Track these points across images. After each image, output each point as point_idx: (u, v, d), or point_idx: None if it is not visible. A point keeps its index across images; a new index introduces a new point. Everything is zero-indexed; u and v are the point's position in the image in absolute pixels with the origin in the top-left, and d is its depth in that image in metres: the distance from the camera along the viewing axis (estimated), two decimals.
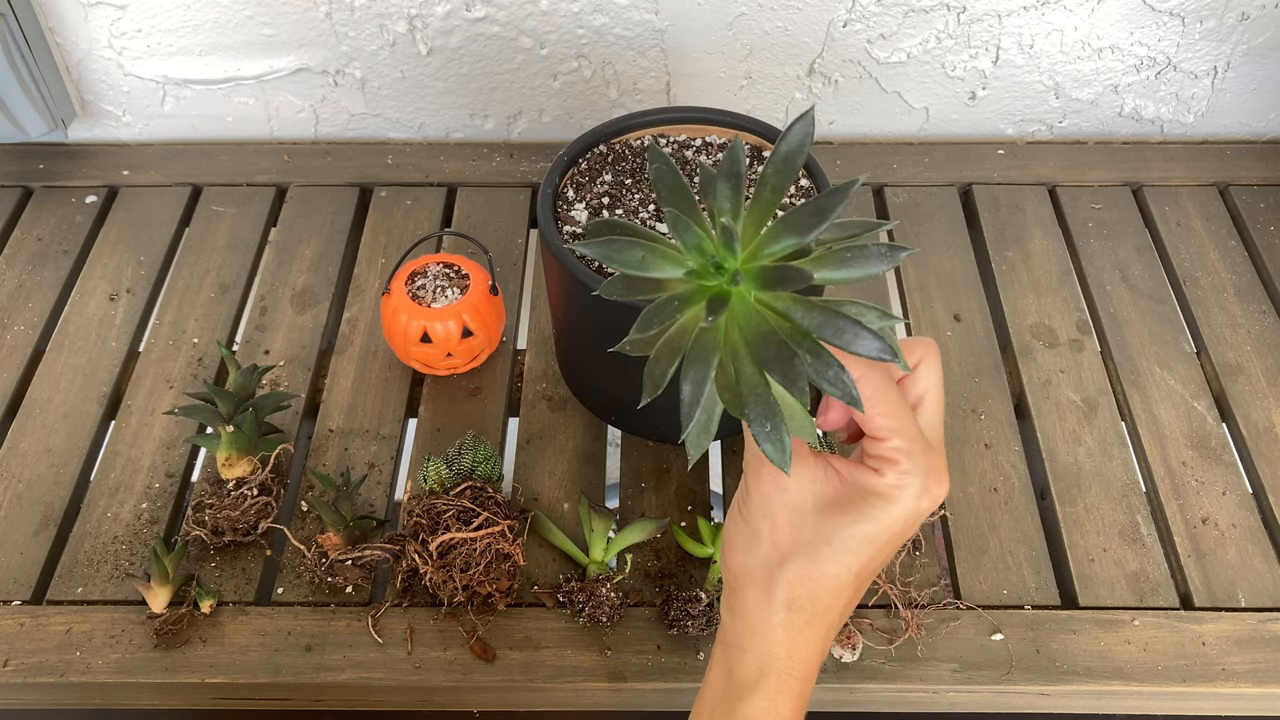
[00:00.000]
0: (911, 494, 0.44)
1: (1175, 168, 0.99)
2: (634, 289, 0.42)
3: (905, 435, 0.44)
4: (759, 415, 0.40)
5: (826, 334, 0.40)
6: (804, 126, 0.42)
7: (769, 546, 0.46)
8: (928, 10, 0.93)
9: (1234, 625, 0.68)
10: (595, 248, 0.41)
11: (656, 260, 0.42)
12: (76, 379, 0.82)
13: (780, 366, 0.39)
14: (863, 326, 0.39)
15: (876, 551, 0.45)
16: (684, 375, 0.41)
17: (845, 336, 0.39)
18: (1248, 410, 0.80)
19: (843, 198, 0.39)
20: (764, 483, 0.46)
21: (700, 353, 0.41)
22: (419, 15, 0.94)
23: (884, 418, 0.44)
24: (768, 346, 0.40)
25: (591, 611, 0.67)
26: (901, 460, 0.44)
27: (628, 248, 0.42)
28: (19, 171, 1.00)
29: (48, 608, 0.69)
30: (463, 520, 0.68)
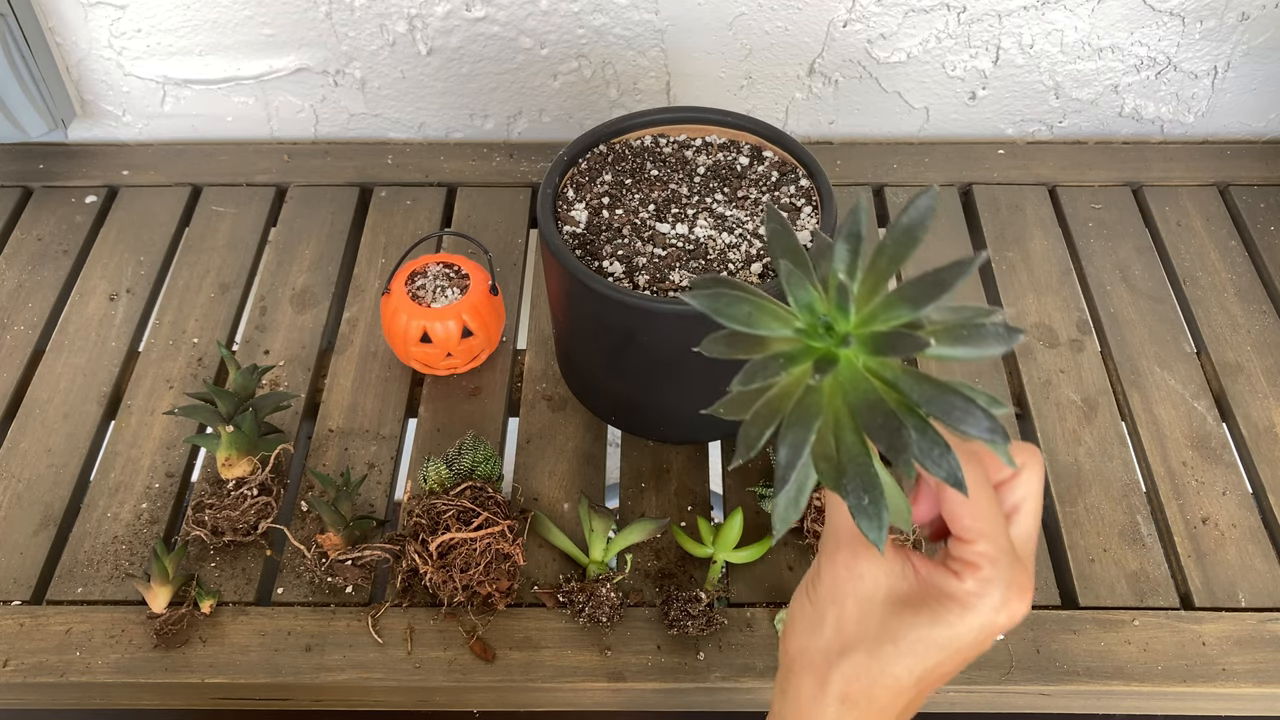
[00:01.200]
0: (990, 604, 0.41)
1: (1175, 168, 0.99)
2: (737, 346, 0.41)
3: (993, 541, 0.41)
4: (857, 487, 0.39)
5: (935, 409, 0.38)
6: (928, 202, 0.40)
7: (832, 634, 0.43)
8: (928, 10, 0.93)
9: (1234, 625, 0.68)
10: (704, 300, 0.41)
11: (764, 317, 0.41)
12: (76, 379, 0.82)
13: (886, 436, 0.37)
14: (975, 405, 0.37)
15: (944, 660, 0.42)
16: (782, 438, 0.39)
17: (955, 414, 0.37)
18: (1248, 410, 0.80)
19: (964, 272, 0.37)
20: (839, 567, 0.44)
21: (801, 415, 0.39)
22: (419, 15, 0.94)
23: (973, 519, 0.41)
24: (874, 415, 0.38)
25: (591, 611, 0.67)
26: (985, 567, 0.41)
27: (735, 302, 0.40)
28: (19, 171, 1.00)
29: (48, 608, 0.69)
30: (463, 520, 0.68)
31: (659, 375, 0.71)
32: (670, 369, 0.70)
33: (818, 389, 0.40)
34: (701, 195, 0.73)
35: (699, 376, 0.71)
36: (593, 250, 0.70)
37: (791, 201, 0.73)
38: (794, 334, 0.41)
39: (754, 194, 0.73)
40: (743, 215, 0.72)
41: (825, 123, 1.03)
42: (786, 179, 0.74)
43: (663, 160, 0.76)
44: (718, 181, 0.74)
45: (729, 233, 0.71)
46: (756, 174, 0.75)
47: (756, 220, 0.72)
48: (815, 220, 0.71)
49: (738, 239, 0.70)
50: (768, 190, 0.73)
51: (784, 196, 0.73)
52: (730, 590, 0.70)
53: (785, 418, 0.40)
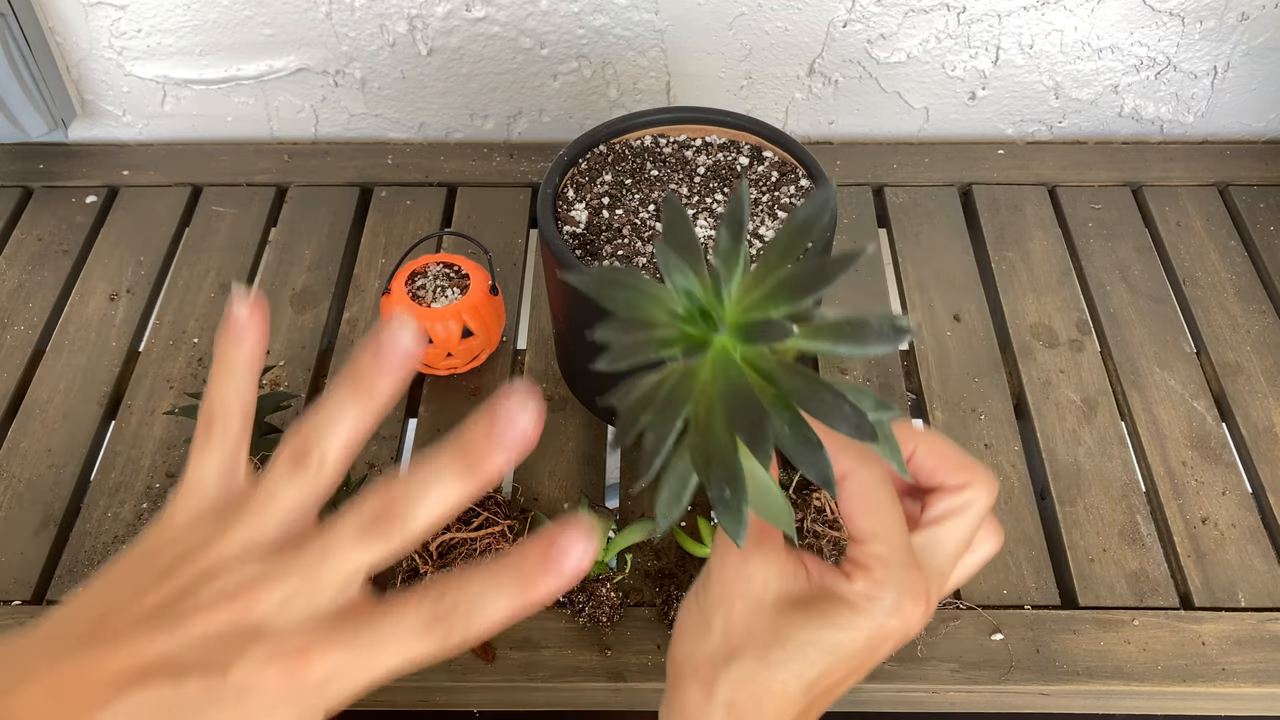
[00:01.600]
0: (881, 608, 0.39)
1: (1175, 168, 0.99)
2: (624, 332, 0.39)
3: (887, 543, 0.39)
4: (719, 479, 0.37)
5: (807, 403, 0.36)
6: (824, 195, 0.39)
7: (719, 638, 0.41)
8: (928, 10, 0.93)
9: (1234, 625, 0.68)
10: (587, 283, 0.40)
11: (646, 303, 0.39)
12: (77, 379, 0.82)
13: (749, 427, 0.35)
14: (845, 401, 0.36)
15: (833, 665, 0.39)
16: (649, 424, 0.38)
17: (824, 409, 0.36)
18: (1247, 410, 0.80)
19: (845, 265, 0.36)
20: (727, 568, 0.41)
21: (670, 402, 0.38)
22: (419, 15, 0.94)
23: (866, 519, 0.39)
24: (738, 404, 0.36)
25: (591, 611, 0.67)
26: (876, 569, 0.39)
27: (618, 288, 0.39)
28: (19, 171, 1.00)
29: (48, 608, 0.69)
30: (463, 520, 0.68)
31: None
32: None
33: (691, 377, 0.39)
34: (701, 195, 0.74)
35: None
36: (593, 250, 0.70)
37: (791, 202, 0.73)
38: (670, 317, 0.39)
39: (754, 194, 0.73)
40: None
41: (825, 123, 1.03)
42: (786, 179, 0.74)
43: (663, 160, 0.76)
44: (718, 182, 0.74)
45: None
46: (756, 174, 0.75)
47: (756, 221, 0.72)
48: None
49: None
50: (768, 190, 0.74)
51: (784, 196, 0.73)
52: None
53: (654, 404, 0.38)
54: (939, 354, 0.84)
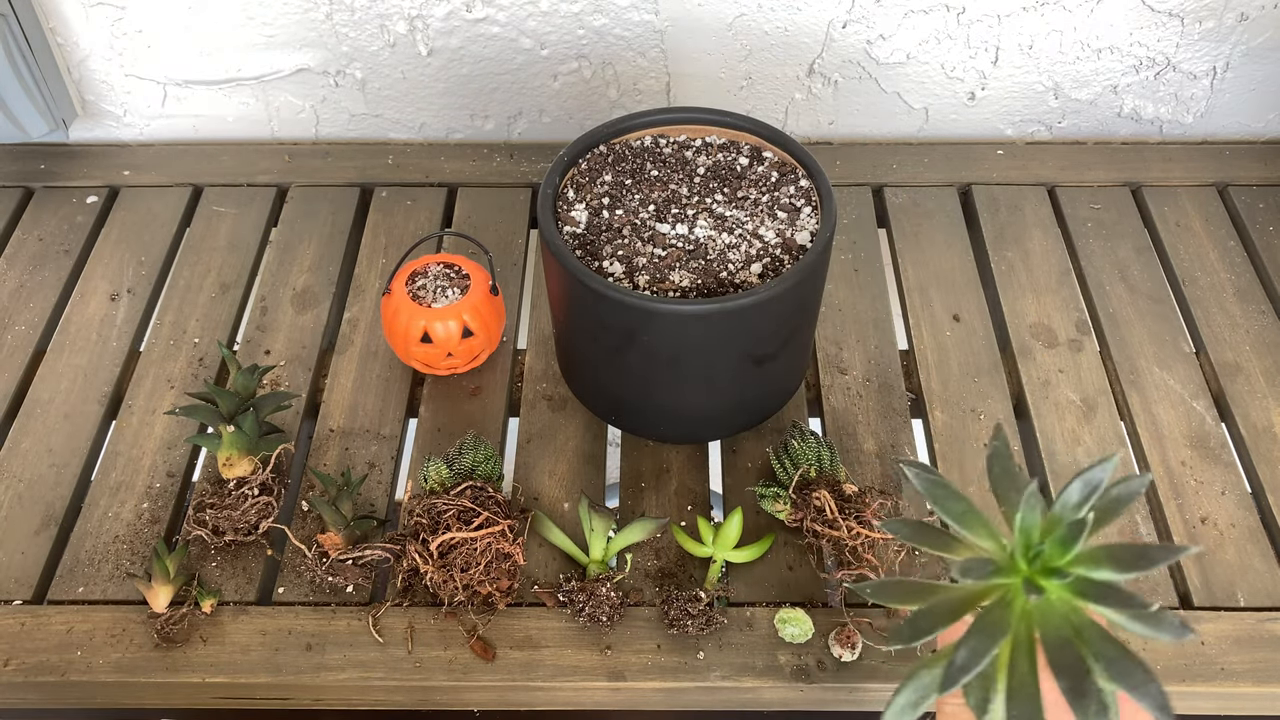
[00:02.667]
0: None
1: (1174, 168, 0.99)
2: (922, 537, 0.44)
3: None
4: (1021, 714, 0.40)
5: (1114, 669, 0.39)
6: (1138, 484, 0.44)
7: None
8: (927, 10, 0.93)
9: (1233, 625, 0.68)
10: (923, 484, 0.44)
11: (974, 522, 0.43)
12: (77, 379, 0.82)
13: (1073, 680, 0.39)
14: (1153, 678, 0.38)
15: None
16: (965, 641, 0.40)
17: (1133, 680, 0.39)
18: (1247, 410, 0.80)
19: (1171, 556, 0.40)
20: None
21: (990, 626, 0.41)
22: (419, 16, 0.94)
23: None
24: (1065, 654, 0.39)
25: (591, 611, 0.67)
26: None
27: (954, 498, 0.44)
28: (20, 171, 1.00)
29: (49, 607, 0.70)
30: (463, 520, 0.68)
31: (659, 375, 0.71)
32: (670, 369, 0.70)
33: (1008, 608, 0.41)
34: (701, 196, 0.74)
35: (699, 376, 0.71)
36: (593, 250, 0.70)
37: (791, 202, 0.73)
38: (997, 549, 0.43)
39: (754, 194, 0.73)
40: (743, 216, 0.72)
41: (825, 123, 1.04)
42: (786, 179, 0.74)
43: (663, 161, 0.76)
44: (718, 182, 0.74)
45: (729, 233, 0.71)
46: (756, 174, 0.75)
47: (756, 221, 0.72)
48: (815, 220, 0.71)
49: (737, 239, 0.71)
50: (768, 191, 0.74)
51: (784, 197, 0.73)
52: (730, 590, 0.71)
53: (975, 624, 0.41)
54: (939, 354, 0.84)
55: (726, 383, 0.73)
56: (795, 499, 0.71)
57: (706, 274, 0.68)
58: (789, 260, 0.69)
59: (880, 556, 0.69)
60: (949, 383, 0.82)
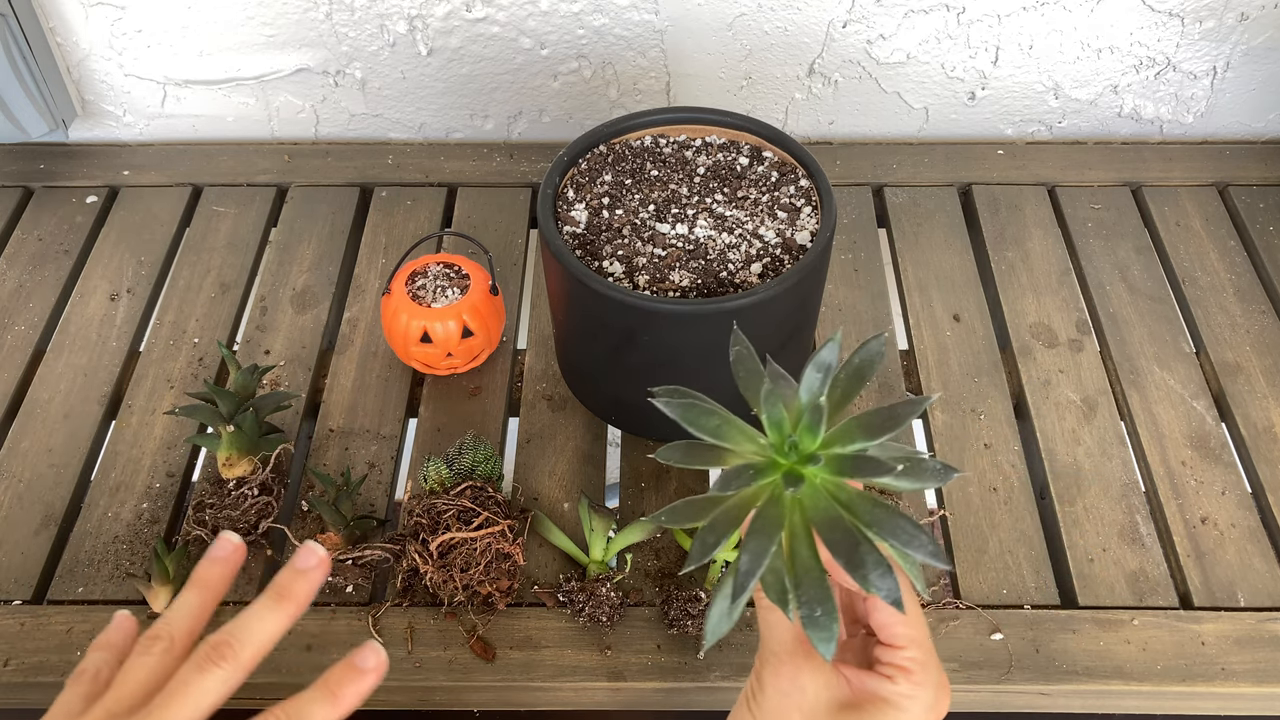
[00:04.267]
0: (920, 705, 0.44)
1: (1175, 168, 0.99)
2: (693, 456, 0.43)
3: (922, 647, 0.44)
4: (811, 599, 0.41)
5: (885, 531, 0.40)
6: (877, 345, 0.44)
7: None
8: (927, 10, 0.93)
9: (1233, 625, 0.68)
10: (674, 409, 0.43)
11: (732, 431, 0.43)
12: (77, 379, 0.82)
13: (846, 553, 0.40)
14: (921, 530, 0.40)
15: None
16: (744, 546, 0.41)
17: (904, 536, 0.40)
18: (1247, 410, 0.80)
19: (915, 410, 0.41)
20: (783, 679, 0.45)
21: (765, 526, 0.41)
22: (419, 15, 0.94)
23: (905, 627, 0.44)
24: (835, 531, 0.41)
25: (591, 611, 0.67)
26: (916, 671, 0.44)
27: (706, 414, 0.43)
28: (19, 171, 1.00)
29: (48, 607, 0.70)
30: (463, 520, 0.68)
31: (659, 375, 0.71)
32: (670, 369, 0.70)
33: (778, 503, 0.42)
34: (701, 195, 0.74)
35: (698, 376, 0.71)
36: (593, 250, 0.70)
37: (791, 202, 0.73)
38: (758, 449, 0.43)
39: (754, 194, 0.73)
40: (743, 216, 0.72)
41: (825, 123, 1.04)
42: (786, 179, 0.74)
43: (663, 160, 0.76)
44: (718, 182, 0.74)
45: (729, 233, 0.71)
46: (756, 174, 0.75)
47: (756, 221, 0.72)
48: (815, 220, 0.71)
49: (737, 239, 0.71)
50: (768, 190, 0.74)
51: (784, 197, 0.73)
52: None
53: (751, 526, 0.42)
54: (939, 354, 0.84)
55: (726, 383, 0.73)
56: None
57: (706, 274, 0.68)
58: (789, 260, 0.69)
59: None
60: (949, 383, 0.82)
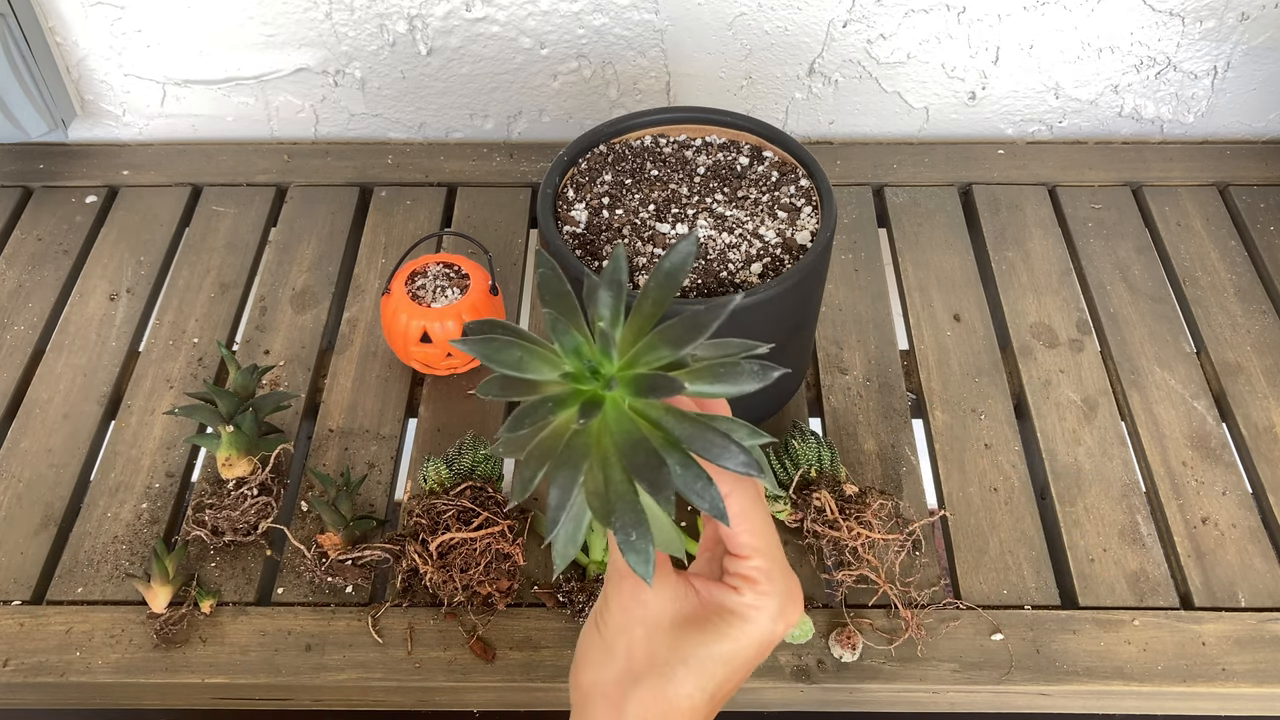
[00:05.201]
0: (768, 615, 0.43)
1: (1175, 168, 0.99)
2: (510, 389, 0.42)
3: (767, 556, 0.43)
4: (624, 524, 0.40)
5: (696, 446, 0.40)
6: (687, 246, 0.42)
7: (624, 663, 0.44)
8: (928, 10, 0.93)
9: (1234, 625, 0.68)
10: (474, 346, 0.41)
11: (533, 361, 0.42)
12: (77, 379, 0.82)
13: (648, 474, 0.39)
14: (732, 440, 0.39)
15: (731, 673, 0.44)
16: (552, 479, 0.41)
17: (714, 450, 0.40)
18: (1248, 410, 0.80)
19: (718, 316, 0.40)
20: (624, 596, 0.45)
21: (570, 456, 0.41)
22: (419, 15, 0.94)
23: (748, 535, 0.43)
24: (637, 453, 0.40)
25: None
26: (761, 580, 0.43)
27: (505, 348, 0.42)
28: (19, 171, 1.00)
29: (48, 608, 0.69)
30: (463, 520, 0.68)
31: None
32: None
33: (585, 430, 0.41)
34: (701, 195, 0.74)
35: None
36: (593, 250, 0.70)
37: (791, 201, 0.73)
38: (561, 378, 0.42)
39: (754, 194, 0.73)
40: (743, 215, 0.72)
41: (825, 123, 1.03)
42: (786, 179, 0.74)
43: (663, 160, 0.76)
44: (718, 181, 0.74)
45: (729, 233, 0.71)
46: (756, 174, 0.75)
47: (756, 220, 0.72)
48: (815, 220, 0.71)
49: (738, 239, 0.70)
50: (768, 190, 0.74)
51: (784, 196, 0.73)
52: None
53: (554, 459, 0.41)
54: (939, 354, 0.84)
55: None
56: (795, 499, 0.71)
57: (706, 274, 0.68)
58: (789, 260, 0.69)
59: (880, 557, 0.69)
60: (949, 383, 0.82)
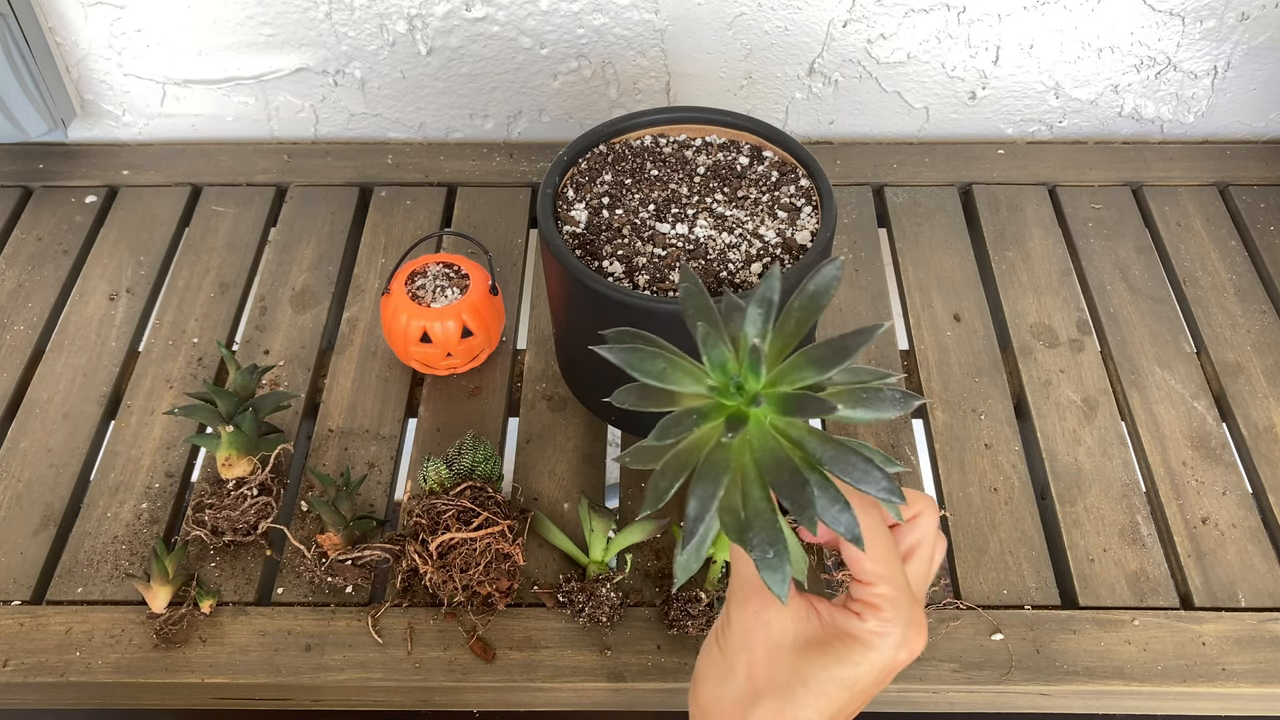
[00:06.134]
0: (891, 643, 0.44)
1: (1175, 168, 0.99)
2: (647, 399, 0.43)
3: (892, 583, 0.44)
4: (763, 541, 0.40)
5: (837, 468, 0.40)
6: (833, 270, 0.42)
7: (744, 682, 0.45)
8: (928, 10, 0.93)
9: (1234, 625, 0.68)
10: (619, 354, 0.42)
11: (677, 374, 0.42)
12: (76, 379, 0.82)
13: (791, 493, 0.39)
14: (874, 465, 0.40)
15: (851, 698, 0.44)
16: (691, 491, 0.41)
17: (856, 473, 0.40)
18: (1248, 410, 0.80)
19: (866, 339, 0.40)
20: (748, 615, 0.45)
21: (711, 470, 0.41)
22: (419, 15, 0.94)
23: (873, 563, 0.43)
24: (781, 472, 0.40)
25: (591, 611, 0.67)
26: (885, 608, 0.43)
27: (650, 358, 0.42)
28: (19, 171, 1.00)
29: (48, 608, 0.69)
30: (463, 520, 0.68)
31: None
32: None
33: (726, 445, 0.42)
34: (701, 195, 0.74)
35: None
36: (593, 250, 0.70)
37: (791, 201, 0.73)
38: (707, 391, 0.42)
39: (754, 194, 0.73)
40: (743, 215, 0.72)
41: (825, 123, 1.03)
42: (786, 179, 0.74)
43: (663, 160, 0.76)
44: (718, 181, 0.74)
45: (729, 233, 0.71)
46: (756, 174, 0.75)
47: (756, 220, 0.72)
48: (815, 220, 0.71)
49: (738, 239, 0.70)
50: (768, 190, 0.74)
51: (784, 196, 0.73)
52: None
53: (695, 472, 0.41)
54: (939, 354, 0.84)
55: None
56: None
57: (706, 274, 0.68)
58: (789, 260, 0.69)
59: None
60: (949, 383, 0.82)
